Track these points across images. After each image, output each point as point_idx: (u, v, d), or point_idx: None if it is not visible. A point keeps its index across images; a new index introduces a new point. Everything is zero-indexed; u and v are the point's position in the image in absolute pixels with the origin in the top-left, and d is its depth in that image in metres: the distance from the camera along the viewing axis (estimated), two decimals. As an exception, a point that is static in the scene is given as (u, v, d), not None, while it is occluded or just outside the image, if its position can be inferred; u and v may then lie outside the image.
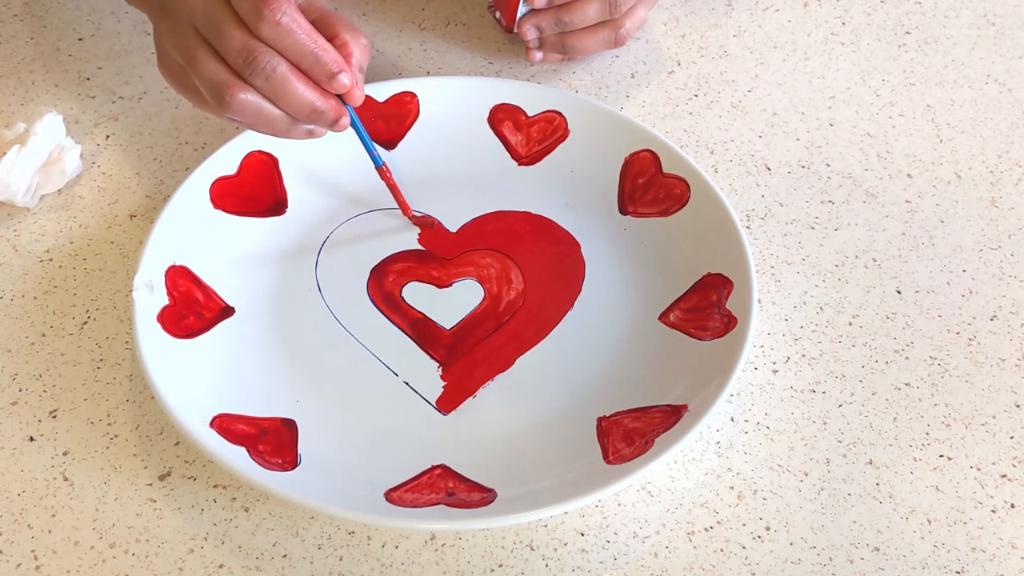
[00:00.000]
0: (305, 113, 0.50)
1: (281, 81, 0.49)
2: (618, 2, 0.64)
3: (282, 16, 0.48)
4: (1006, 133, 0.67)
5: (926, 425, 0.53)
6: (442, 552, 0.48)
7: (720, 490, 0.51)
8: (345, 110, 0.52)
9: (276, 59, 0.48)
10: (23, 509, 0.49)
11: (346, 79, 0.50)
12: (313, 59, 0.49)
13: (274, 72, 0.48)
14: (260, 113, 0.50)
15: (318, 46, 0.49)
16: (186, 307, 0.54)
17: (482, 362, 0.54)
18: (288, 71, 0.49)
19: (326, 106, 0.51)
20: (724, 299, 0.54)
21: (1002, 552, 0.49)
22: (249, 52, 0.48)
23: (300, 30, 0.48)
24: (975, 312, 0.58)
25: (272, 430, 0.51)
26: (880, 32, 0.74)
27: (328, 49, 0.50)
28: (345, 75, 0.50)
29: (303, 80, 0.50)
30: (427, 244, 0.59)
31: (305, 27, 0.49)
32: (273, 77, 0.49)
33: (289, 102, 0.50)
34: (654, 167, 0.61)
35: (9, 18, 0.72)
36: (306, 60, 0.49)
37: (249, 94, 0.49)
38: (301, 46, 0.49)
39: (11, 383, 0.54)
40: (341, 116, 0.52)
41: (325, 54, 0.49)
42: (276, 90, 0.49)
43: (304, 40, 0.49)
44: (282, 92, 0.49)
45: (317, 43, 0.49)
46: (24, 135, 0.61)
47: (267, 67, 0.48)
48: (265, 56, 0.48)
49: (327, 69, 0.50)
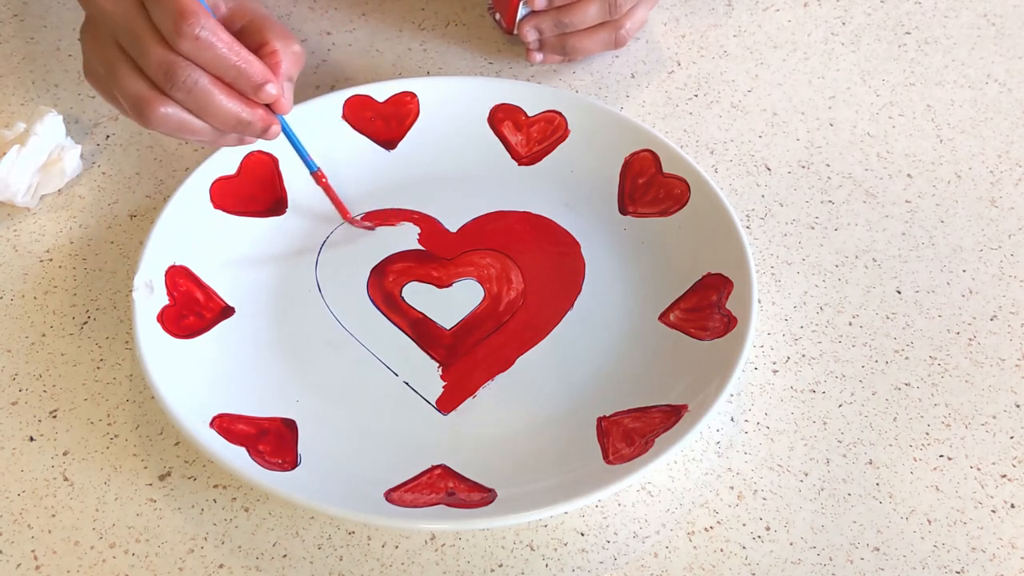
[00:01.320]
0: (231, 125, 0.50)
1: (203, 94, 0.48)
2: (618, 3, 0.64)
3: (200, 30, 0.46)
4: (1006, 133, 0.67)
5: (926, 425, 0.53)
6: (442, 552, 0.48)
7: (720, 490, 0.51)
8: (274, 119, 0.51)
9: (196, 72, 0.47)
10: (23, 509, 0.49)
11: (272, 89, 0.49)
12: (236, 72, 0.48)
13: (195, 86, 0.47)
14: (183, 126, 0.49)
15: (240, 58, 0.48)
16: (186, 307, 0.54)
17: (482, 362, 0.54)
18: (210, 84, 0.48)
19: (252, 117, 0.50)
20: (724, 299, 0.54)
21: (1002, 552, 0.49)
22: (169, 66, 0.47)
23: (220, 43, 0.47)
24: (975, 312, 0.58)
25: (272, 430, 0.51)
26: (880, 32, 0.74)
27: (251, 60, 0.48)
28: (271, 85, 0.49)
29: (226, 92, 0.49)
30: (427, 244, 0.59)
31: (225, 39, 0.47)
32: (195, 91, 0.48)
33: (213, 115, 0.49)
34: (654, 167, 0.61)
35: (9, 18, 0.72)
36: (229, 73, 0.48)
37: (170, 107, 0.48)
38: (222, 60, 0.48)
39: (11, 383, 0.54)
40: (270, 125, 0.51)
41: (248, 66, 0.48)
42: (198, 103, 0.48)
43: (225, 53, 0.47)
44: (204, 105, 0.48)
45: (239, 55, 0.48)
46: (24, 135, 0.61)
47: (187, 81, 0.47)
48: (185, 70, 0.47)
49: (251, 81, 0.49)
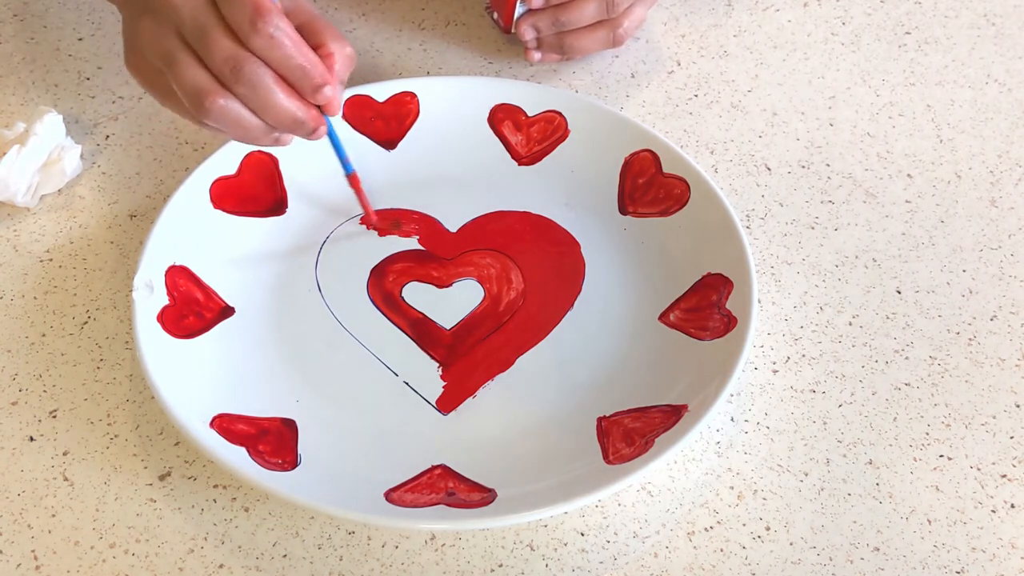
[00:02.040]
0: (286, 123, 0.50)
1: (265, 91, 0.48)
2: (616, 1, 0.64)
3: (275, 29, 0.47)
4: (1006, 133, 0.67)
5: (926, 425, 0.53)
6: (442, 552, 0.48)
7: (720, 490, 0.51)
8: (323, 120, 0.51)
9: (263, 69, 0.48)
10: (23, 509, 0.49)
11: (329, 91, 0.50)
12: (300, 72, 0.49)
13: (260, 82, 0.48)
14: (239, 121, 0.50)
15: (306, 59, 0.49)
16: (186, 307, 0.54)
17: (482, 362, 0.54)
18: (274, 82, 0.48)
19: (307, 116, 0.50)
20: (724, 299, 0.54)
21: (1002, 552, 0.49)
22: (236, 60, 0.47)
23: (290, 42, 0.48)
24: (975, 312, 0.58)
25: (272, 430, 0.51)
26: (880, 32, 0.74)
27: (315, 62, 0.49)
28: (329, 87, 0.50)
29: (286, 91, 0.49)
30: (427, 244, 0.59)
31: (295, 38, 0.48)
32: (259, 86, 0.48)
33: (271, 112, 0.49)
34: (654, 167, 0.61)
35: (9, 18, 0.72)
36: (293, 72, 0.49)
37: (230, 101, 0.49)
38: (290, 59, 0.48)
39: (11, 383, 0.54)
40: (319, 126, 0.51)
41: (312, 67, 0.49)
42: (259, 100, 0.49)
43: (293, 52, 0.48)
44: (264, 102, 0.49)
45: (305, 56, 0.49)
46: (24, 135, 0.61)
47: (253, 76, 0.48)
48: (252, 65, 0.48)
49: (313, 81, 0.49)
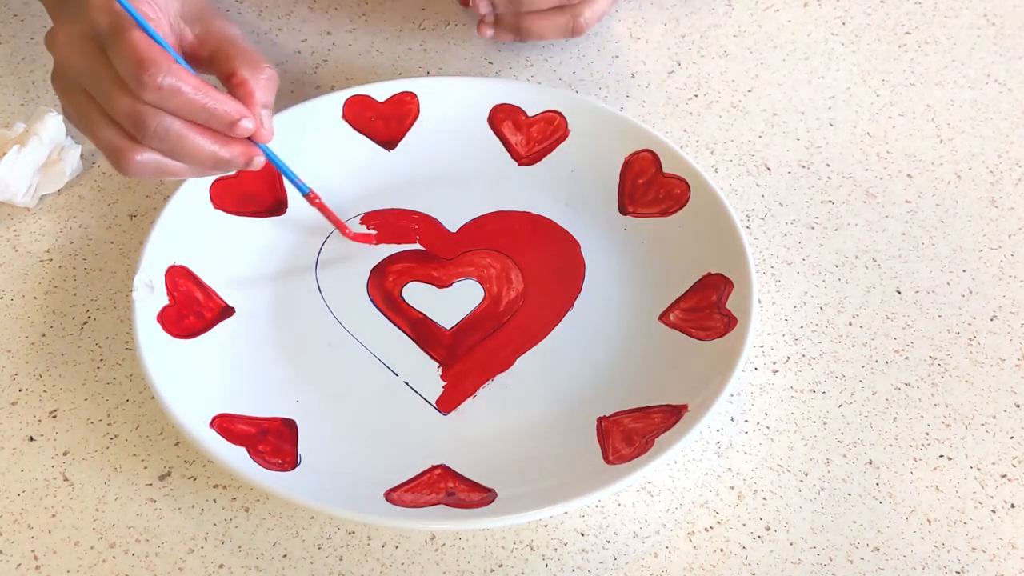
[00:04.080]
0: (211, 164, 0.49)
1: (177, 140, 0.47)
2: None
3: (163, 78, 0.45)
4: (1006, 133, 0.67)
5: (926, 425, 0.53)
6: (442, 552, 0.48)
7: (720, 490, 0.51)
8: (256, 150, 0.50)
9: (167, 119, 0.46)
10: (23, 509, 0.49)
11: (248, 124, 0.48)
12: (207, 114, 0.47)
13: (168, 133, 0.46)
14: (162, 170, 0.48)
15: (209, 99, 0.46)
16: (186, 307, 0.54)
17: (482, 362, 0.54)
18: (183, 128, 0.47)
19: (231, 154, 0.49)
20: (724, 299, 0.54)
21: (1002, 552, 0.49)
22: (137, 116, 0.46)
23: (186, 87, 0.46)
24: (975, 312, 0.58)
25: (272, 430, 0.51)
26: (880, 32, 0.74)
27: (221, 99, 0.47)
28: (246, 120, 0.48)
29: (201, 133, 0.47)
30: (427, 244, 0.59)
31: (191, 83, 0.46)
32: (168, 138, 0.46)
33: (189, 157, 0.48)
34: (654, 167, 0.61)
35: (9, 18, 0.72)
36: (200, 116, 0.47)
37: (146, 154, 0.47)
38: (190, 104, 0.46)
39: (11, 383, 0.54)
40: (252, 158, 0.50)
41: (218, 105, 0.47)
42: (173, 148, 0.47)
43: (192, 97, 0.46)
44: (180, 149, 0.47)
45: (208, 95, 0.46)
46: (24, 135, 0.61)
47: (159, 128, 0.46)
48: (155, 119, 0.46)
49: (224, 120, 0.47)
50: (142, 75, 0.45)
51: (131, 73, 0.45)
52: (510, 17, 0.66)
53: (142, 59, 0.45)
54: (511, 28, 0.66)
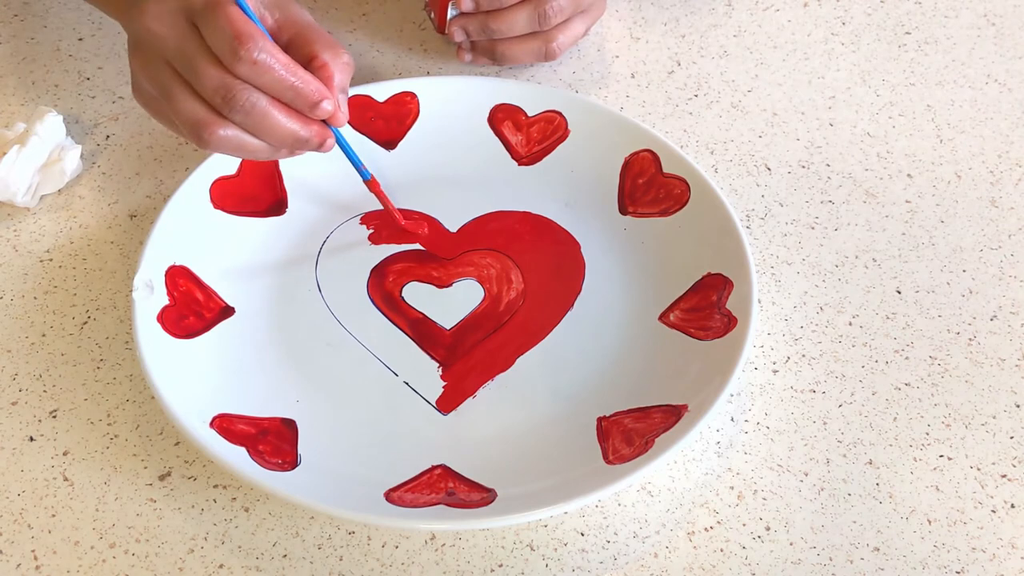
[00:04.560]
0: (289, 143, 0.50)
1: (261, 116, 0.48)
2: (547, 15, 0.63)
3: (258, 53, 0.46)
4: (1006, 133, 0.67)
5: (926, 425, 0.53)
6: (442, 552, 0.48)
7: (720, 490, 0.51)
8: (330, 132, 0.51)
9: (255, 94, 0.47)
10: (23, 509, 0.49)
11: (328, 105, 0.49)
12: (293, 92, 0.48)
13: (254, 108, 0.47)
14: (241, 146, 0.49)
15: (297, 78, 0.48)
16: (186, 307, 0.54)
17: (482, 362, 0.54)
18: (268, 105, 0.48)
19: (309, 133, 0.50)
20: (724, 299, 0.54)
21: (1002, 552, 0.49)
22: (227, 90, 0.47)
23: (277, 64, 0.47)
24: (975, 312, 0.58)
25: (272, 430, 0.51)
26: (880, 32, 0.74)
27: (307, 80, 0.48)
28: (327, 102, 0.49)
29: (284, 111, 0.49)
30: (427, 244, 0.59)
31: (282, 60, 0.47)
32: (253, 112, 0.48)
33: (271, 134, 0.49)
34: (654, 167, 0.61)
35: (9, 18, 0.72)
36: (286, 94, 0.48)
37: (229, 130, 0.48)
38: (280, 81, 0.47)
39: (11, 383, 0.54)
40: (325, 139, 0.51)
41: (305, 85, 0.48)
42: (257, 124, 0.48)
43: (282, 74, 0.47)
44: (263, 126, 0.48)
45: (296, 75, 0.48)
46: (24, 135, 0.61)
47: (246, 103, 0.47)
48: (244, 93, 0.47)
49: (308, 99, 0.48)
50: (239, 48, 0.46)
51: (227, 46, 0.46)
52: (484, 43, 0.67)
53: (239, 32, 0.46)
54: (487, 53, 0.67)
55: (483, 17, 0.65)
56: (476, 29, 0.66)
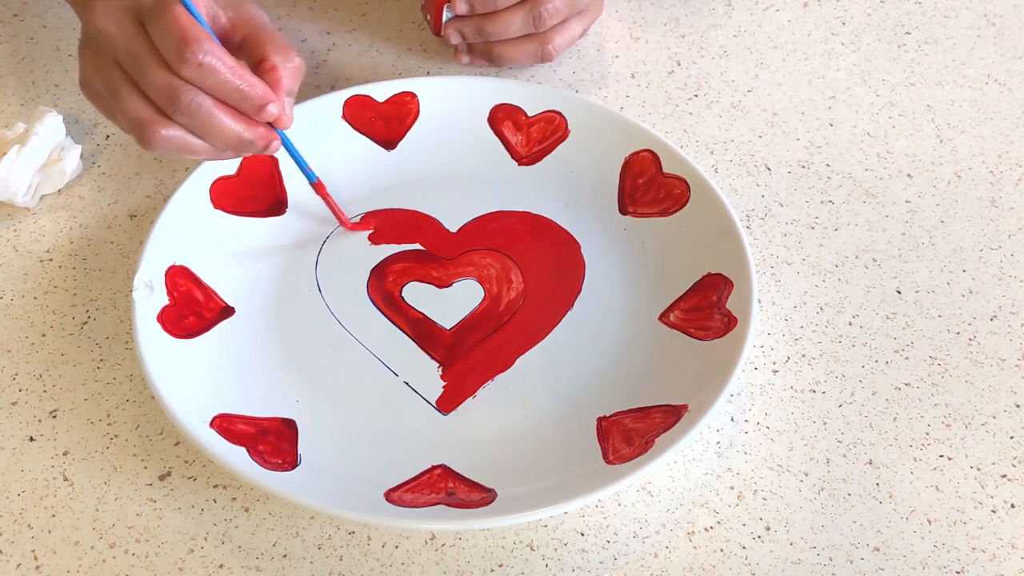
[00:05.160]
0: (233, 144, 0.50)
1: (206, 117, 0.48)
2: (543, 16, 0.63)
3: (204, 56, 0.46)
4: (1006, 133, 0.67)
5: (926, 425, 0.53)
6: (442, 552, 0.48)
7: (720, 490, 0.51)
8: (275, 135, 0.51)
9: (200, 96, 0.47)
10: (23, 509, 0.49)
11: (274, 109, 0.49)
12: (239, 95, 0.48)
13: (199, 109, 0.47)
14: (185, 146, 0.49)
15: (243, 81, 0.48)
16: (186, 307, 0.54)
17: (482, 362, 0.54)
18: (213, 107, 0.48)
19: (254, 136, 0.50)
20: (724, 299, 0.54)
21: (1002, 552, 0.49)
22: (172, 91, 0.47)
23: (223, 67, 0.47)
24: (975, 312, 0.58)
25: (272, 430, 0.51)
26: (880, 32, 0.74)
27: (253, 83, 0.48)
28: (273, 105, 0.49)
29: (228, 113, 0.49)
30: (427, 244, 0.59)
31: (228, 63, 0.47)
32: (198, 114, 0.48)
33: (215, 136, 0.49)
34: (654, 167, 0.61)
35: (9, 18, 0.72)
36: (232, 96, 0.48)
37: (172, 130, 0.48)
38: (225, 84, 0.47)
39: (11, 383, 0.54)
40: (271, 142, 0.51)
41: (251, 89, 0.48)
42: (201, 126, 0.48)
43: (228, 77, 0.47)
44: (207, 127, 0.48)
45: (242, 78, 0.48)
46: (24, 135, 0.61)
47: (191, 104, 0.47)
48: (188, 94, 0.47)
49: (253, 103, 0.49)
50: (184, 51, 0.46)
51: (172, 48, 0.46)
52: (481, 45, 0.67)
53: (185, 35, 0.46)
54: (484, 55, 0.68)
55: (478, 20, 0.65)
56: (472, 32, 0.66)
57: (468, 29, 0.66)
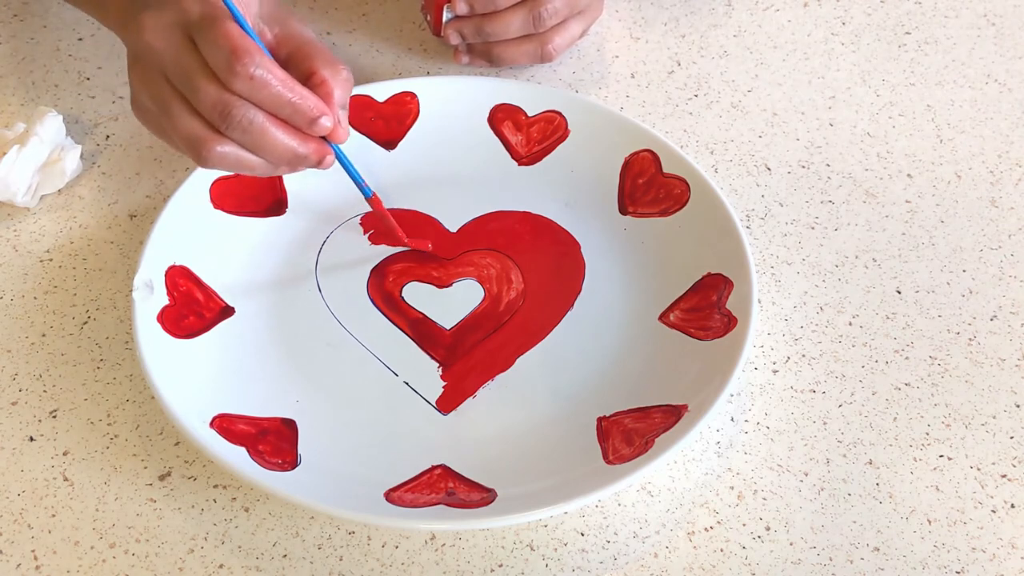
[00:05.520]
0: (287, 160, 0.49)
1: (259, 133, 0.47)
2: (542, 17, 0.63)
3: (255, 69, 0.46)
4: (1006, 133, 0.67)
5: (926, 425, 0.53)
6: (442, 552, 0.48)
7: (720, 490, 0.51)
8: (329, 149, 0.50)
9: (252, 111, 0.47)
10: (23, 509, 0.49)
11: (327, 122, 0.49)
12: (291, 108, 0.47)
13: (251, 124, 0.47)
14: (240, 163, 0.49)
15: (295, 94, 0.47)
16: (186, 307, 0.54)
17: (482, 362, 0.54)
18: (266, 121, 0.47)
19: (308, 150, 0.49)
20: (724, 299, 0.54)
21: (1002, 552, 0.49)
22: (224, 106, 0.46)
23: (275, 80, 0.46)
24: (975, 312, 0.58)
25: (272, 430, 0.51)
26: (880, 32, 0.74)
27: (305, 96, 0.48)
28: (326, 118, 0.48)
29: (282, 128, 0.48)
30: (427, 244, 0.59)
31: (279, 76, 0.47)
32: (251, 129, 0.47)
33: (269, 151, 0.48)
34: (654, 167, 0.61)
35: (9, 18, 0.72)
36: (284, 110, 0.47)
37: (227, 146, 0.48)
38: (277, 97, 0.47)
39: (11, 383, 0.54)
40: (324, 156, 0.50)
41: (303, 101, 0.48)
42: (255, 141, 0.48)
43: (280, 91, 0.47)
44: (261, 142, 0.48)
45: (293, 91, 0.47)
46: (24, 135, 0.61)
47: (243, 120, 0.47)
48: (241, 109, 0.46)
49: (306, 116, 0.48)
50: (235, 64, 0.45)
51: (223, 62, 0.46)
52: (481, 45, 0.67)
53: (236, 48, 0.45)
54: (483, 55, 0.68)
55: (478, 20, 0.65)
56: (471, 32, 0.66)
57: (468, 29, 0.66)
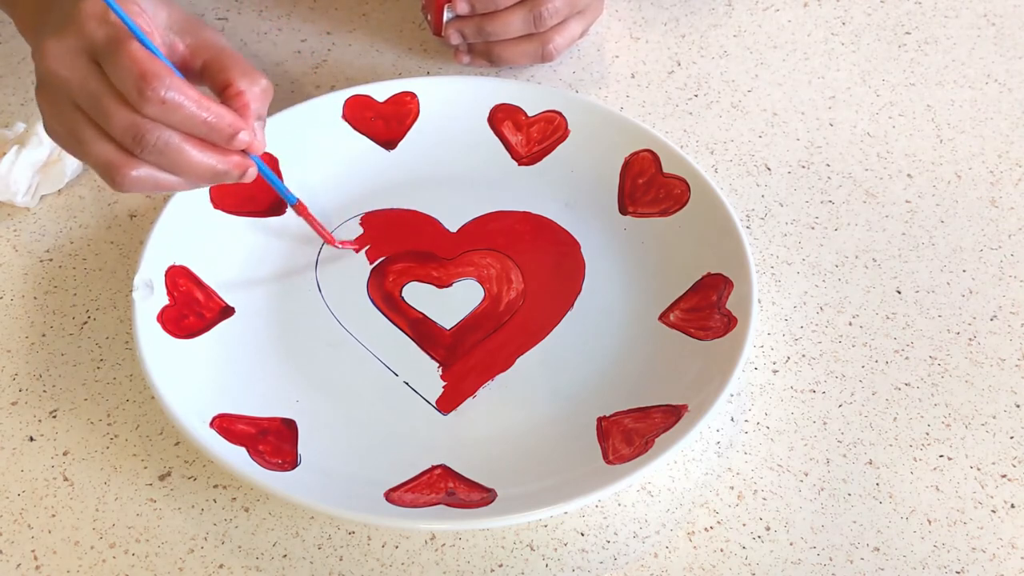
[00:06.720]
0: (207, 177, 0.48)
1: (176, 153, 0.46)
2: (543, 16, 0.63)
3: (166, 92, 0.44)
4: (1006, 133, 0.67)
5: (926, 425, 0.53)
6: (442, 552, 0.48)
7: (720, 490, 0.51)
8: (250, 162, 0.49)
9: (167, 132, 0.45)
10: (23, 509, 0.49)
11: (245, 136, 0.47)
12: (207, 127, 0.46)
13: (167, 146, 0.45)
14: (158, 185, 0.48)
15: (210, 113, 0.46)
16: (186, 307, 0.54)
17: (482, 362, 0.54)
18: (181, 142, 0.46)
19: (228, 166, 0.48)
20: (724, 299, 0.54)
21: (1002, 552, 0.49)
22: (137, 130, 0.45)
23: (187, 101, 0.45)
24: (975, 312, 0.58)
25: (272, 430, 0.51)
26: (880, 32, 0.74)
27: (221, 113, 0.46)
28: (244, 133, 0.47)
29: (199, 146, 0.47)
30: (427, 244, 0.59)
31: (192, 96, 0.45)
32: (167, 151, 0.46)
33: (187, 171, 0.47)
34: (654, 167, 0.61)
35: (8, 18, 0.72)
36: (199, 130, 0.46)
37: (142, 170, 0.46)
38: (191, 118, 0.45)
39: (11, 383, 0.54)
40: (246, 169, 0.49)
41: (218, 120, 0.46)
42: (172, 162, 0.46)
43: (193, 111, 0.45)
44: (178, 163, 0.46)
45: (208, 110, 0.46)
46: (24, 135, 0.61)
47: (158, 142, 0.45)
48: (155, 132, 0.45)
49: (223, 133, 0.47)
50: (145, 89, 0.44)
51: (132, 86, 0.44)
52: (481, 45, 0.67)
53: (144, 72, 0.44)
54: (484, 55, 0.68)
55: (479, 20, 0.65)
56: (472, 32, 0.66)
57: (468, 29, 0.66)
